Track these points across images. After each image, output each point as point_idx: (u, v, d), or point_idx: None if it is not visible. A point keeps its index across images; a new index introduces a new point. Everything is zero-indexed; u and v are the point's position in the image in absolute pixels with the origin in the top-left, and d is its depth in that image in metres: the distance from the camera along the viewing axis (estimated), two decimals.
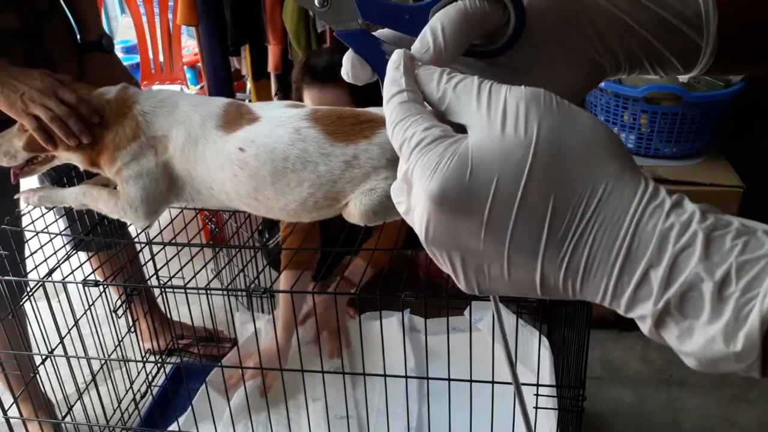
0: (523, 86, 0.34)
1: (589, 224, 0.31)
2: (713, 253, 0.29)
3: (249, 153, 0.97)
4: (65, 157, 1.12)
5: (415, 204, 0.34)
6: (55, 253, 1.35)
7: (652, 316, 0.30)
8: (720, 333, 0.28)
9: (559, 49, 0.42)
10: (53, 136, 1.07)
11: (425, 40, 0.38)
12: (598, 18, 0.41)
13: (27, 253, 1.23)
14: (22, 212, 1.26)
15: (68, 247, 1.28)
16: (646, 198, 0.31)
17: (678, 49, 0.43)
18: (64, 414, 1.35)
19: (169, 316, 1.78)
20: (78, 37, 1.45)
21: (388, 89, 0.37)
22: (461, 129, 0.34)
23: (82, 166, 1.12)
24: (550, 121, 0.32)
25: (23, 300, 1.18)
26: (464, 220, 0.32)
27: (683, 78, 1.82)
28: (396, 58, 0.38)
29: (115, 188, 1.08)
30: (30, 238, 1.26)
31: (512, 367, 0.48)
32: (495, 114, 0.33)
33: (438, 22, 0.38)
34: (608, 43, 0.42)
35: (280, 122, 0.98)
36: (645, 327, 0.31)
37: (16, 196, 1.15)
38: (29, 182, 1.38)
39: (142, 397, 1.57)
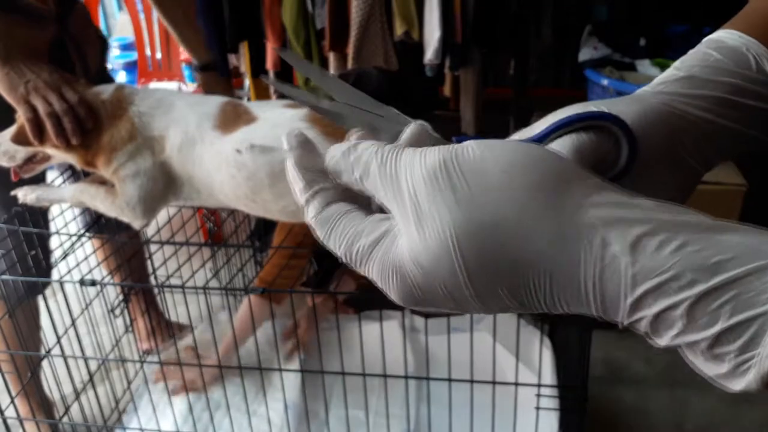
0: (421, 160, 0.31)
1: (547, 289, 0.29)
2: (698, 317, 0.27)
3: (246, 155, 0.95)
4: (61, 156, 1.11)
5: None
6: (52, 252, 1.34)
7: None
8: (718, 377, 0.27)
9: (663, 169, 0.40)
10: (43, 131, 1.05)
11: None
12: (693, 129, 0.39)
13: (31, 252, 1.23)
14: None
15: (66, 246, 1.26)
16: (597, 246, 0.28)
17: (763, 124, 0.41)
18: (61, 414, 1.34)
19: (167, 316, 1.77)
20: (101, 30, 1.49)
21: (299, 194, 0.36)
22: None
23: (78, 166, 1.11)
24: (459, 202, 0.29)
25: (18, 303, 1.17)
26: (440, 308, 0.32)
27: None
28: (287, 162, 0.36)
29: (113, 186, 1.07)
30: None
31: None
32: (404, 206, 0.31)
33: None
34: (703, 149, 0.40)
35: (278, 123, 0.97)
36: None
37: (12, 193, 1.15)
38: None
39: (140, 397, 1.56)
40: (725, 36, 0.40)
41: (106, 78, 1.48)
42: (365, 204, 0.35)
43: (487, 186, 0.29)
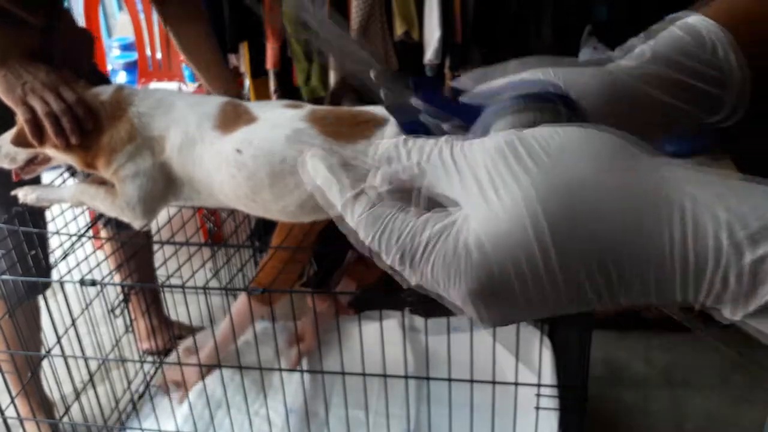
0: (486, 142, 0.31)
1: (634, 257, 0.27)
2: None
3: (246, 155, 0.95)
4: (62, 157, 1.11)
5: (455, 301, 0.32)
6: (52, 251, 1.34)
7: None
8: None
9: None
10: (43, 132, 1.05)
11: None
12: (649, 107, 0.40)
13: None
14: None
15: (66, 246, 1.26)
16: (682, 205, 0.27)
17: (709, 107, 0.42)
18: (61, 414, 1.34)
19: (166, 313, 1.77)
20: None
21: (336, 199, 0.34)
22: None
23: (78, 167, 1.11)
24: (540, 168, 0.29)
25: (18, 303, 1.17)
26: (510, 302, 0.30)
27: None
28: (314, 162, 0.35)
29: (113, 186, 1.07)
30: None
31: None
32: (472, 184, 0.30)
33: None
34: (656, 127, 0.41)
35: (278, 123, 0.96)
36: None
37: (12, 193, 1.15)
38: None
39: (140, 397, 1.56)
40: (693, 19, 0.42)
41: (98, 75, 1.47)
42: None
43: (563, 155, 0.29)
